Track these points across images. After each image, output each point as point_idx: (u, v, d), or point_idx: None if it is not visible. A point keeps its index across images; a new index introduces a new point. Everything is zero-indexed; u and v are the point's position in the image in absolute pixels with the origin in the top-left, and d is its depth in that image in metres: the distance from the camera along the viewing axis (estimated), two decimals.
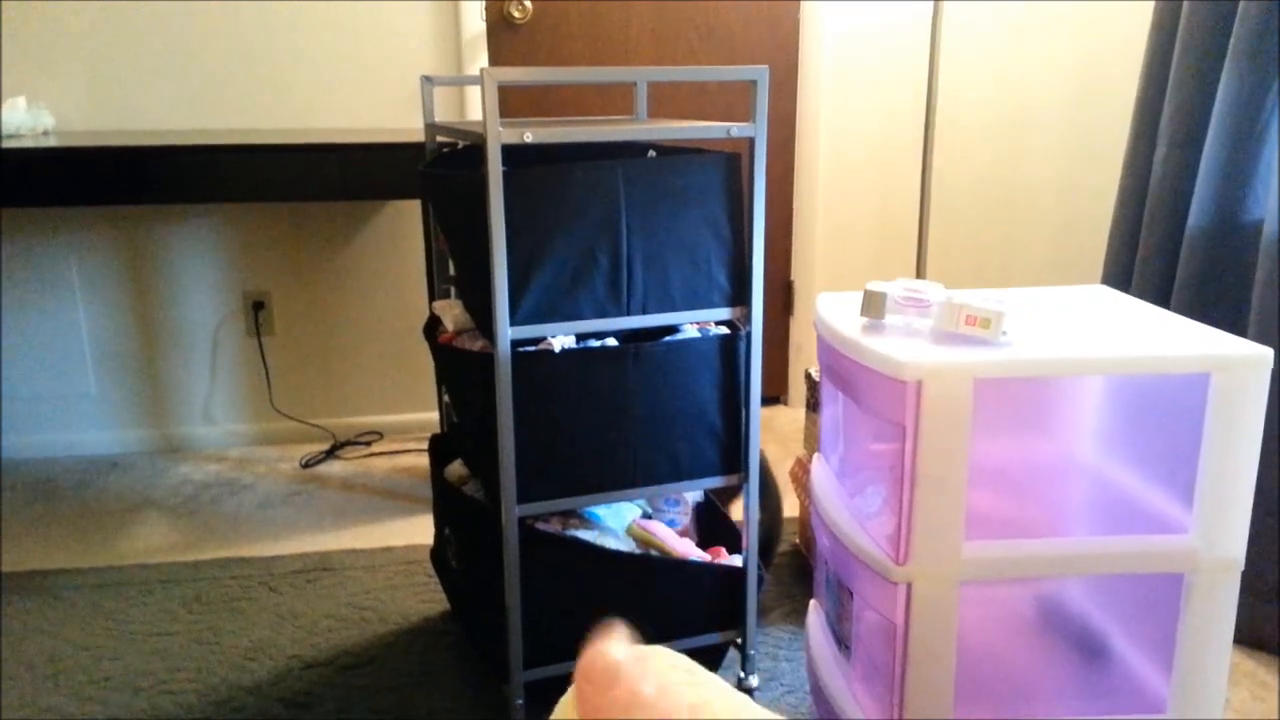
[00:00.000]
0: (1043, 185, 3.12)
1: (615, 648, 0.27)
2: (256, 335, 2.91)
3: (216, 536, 2.37)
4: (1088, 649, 1.38)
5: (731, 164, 1.54)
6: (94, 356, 2.87)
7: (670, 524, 1.80)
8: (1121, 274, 2.19)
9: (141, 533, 2.40)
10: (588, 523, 1.71)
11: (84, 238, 2.79)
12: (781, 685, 1.79)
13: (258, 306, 2.89)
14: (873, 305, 1.32)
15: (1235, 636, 1.30)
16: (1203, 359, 1.19)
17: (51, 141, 2.33)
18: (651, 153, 1.87)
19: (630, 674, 0.27)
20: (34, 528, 2.43)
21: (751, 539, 1.68)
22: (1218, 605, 1.25)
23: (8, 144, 2.24)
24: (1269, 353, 1.19)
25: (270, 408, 2.96)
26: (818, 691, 1.54)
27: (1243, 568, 1.25)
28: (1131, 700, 1.33)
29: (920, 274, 2.83)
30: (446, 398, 1.97)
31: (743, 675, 1.76)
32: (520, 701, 1.60)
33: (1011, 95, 3.04)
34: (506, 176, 1.40)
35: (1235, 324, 1.89)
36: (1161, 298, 2.03)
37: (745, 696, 0.42)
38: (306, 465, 2.80)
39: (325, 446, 2.92)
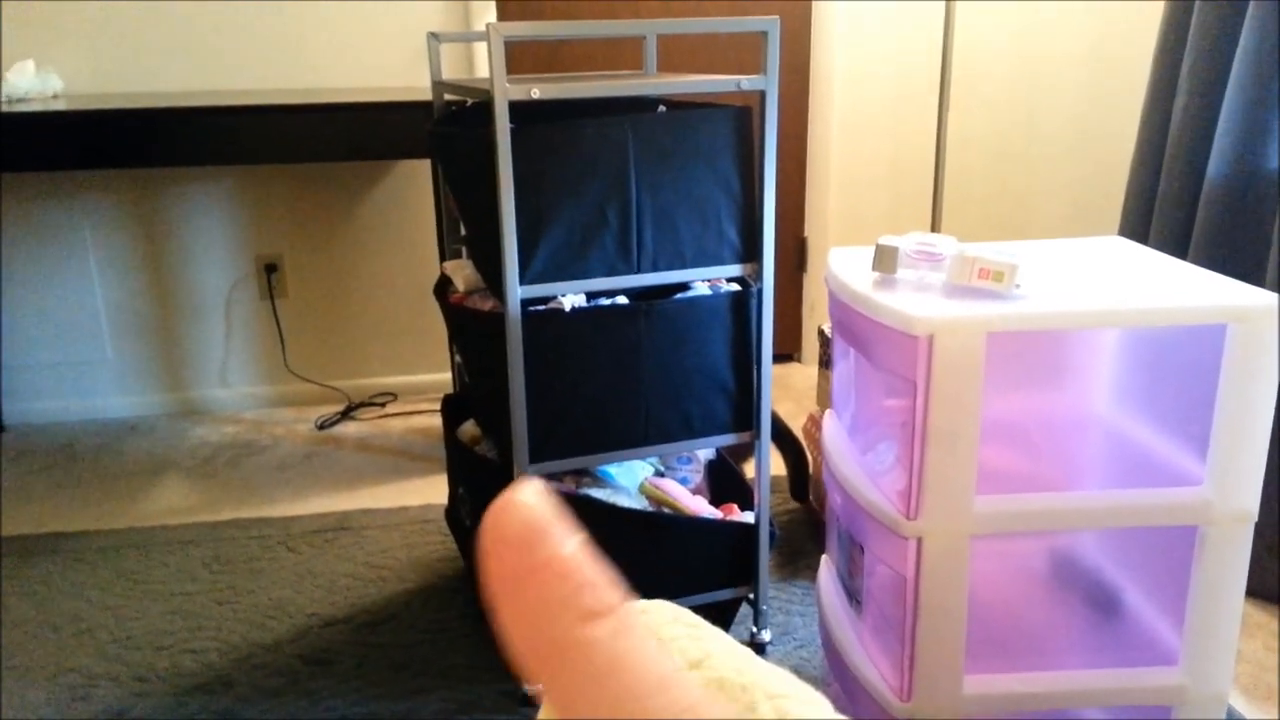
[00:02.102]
0: (1060, 136, 3.07)
1: (528, 497, 0.22)
2: (270, 298, 2.92)
3: (235, 497, 2.40)
4: (1100, 603, 1.38)
5: (742, 118, 1.52)
6: (109, 321, 2.89)
7: (683, 481, 1.80)
8: (1139, 225, 2.16)
9: (161, 495, 2.43)
10: (600, 481, 1.72)
11: (96, 202, 2.79)
12: (794, 640, 1.80)
13: (270, 269, 2.89)
14: (885, 260, 1.31)
15: (1248, 589, 1.30)
16: (1219, 310, 1.18)
17: (60, 105, 2.33)
18: (661, 108, 1.85)
19: (549, 535, 0.22)
20: (56, 491, 2.46)
21: (763, 495, 1.69)
22: (1231, 557, 1.25)
23: (17, 108, 2.23)
24: None
25: (285, 370, 2.98)
26: (829, 646, 1.55)
27: (1256, 520, 1.25)
28: (1143, 653, 1.33)
29: (935, 228, 2.80)
30: (459, 358, 1.98)
31: (755, 630, 1.77)
32: None
33: (1028, 45, 2.98)
34: (514, 134, 1.39)
35: (1253, 274, 1.86)
36: (1179, 249, 2.01)
37: (749, 650, 0.42)
38: (322, 427, 2.82)
39: (340, 408, 2.94)
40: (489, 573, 0.24)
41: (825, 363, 2.17)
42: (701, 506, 1.73)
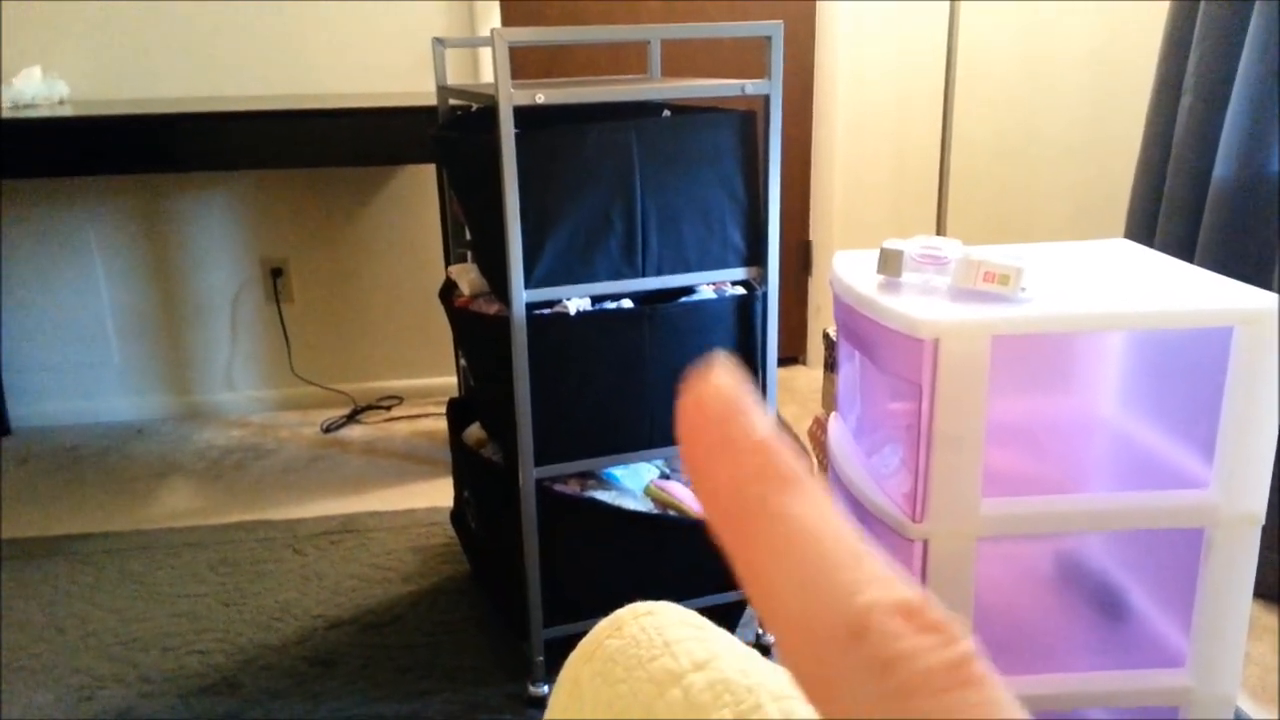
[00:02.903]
0: (1064, 138, 3.07)
1: (724, 379, 0.25)
2: (276, 302, 2.93)
3: (241, 500, 2.41)
4: (1106, 605, 1.38)
5: (746, 122, 1.52)
6: (116, 325, 2.90)
7: (688, 484, 1.80)
8: (1144, 228, 2.15)
9: (167, 498, 2.43)
10: (605, 484, 1.72)
11: (103, 207, 2.80)
12: None
13: (276, 273, 2.90)
14: (890, 263, 1.31)
15: (1255, 590, 1.30)
16: (1225, 313, 1.18)
17: (67, 111, 2.34)
18: (666, 112, 1.86)
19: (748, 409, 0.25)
20: (62, 494, 2.47)
21: None
22: (1238, 559, 1.24)
23: (24, 114, 2.24)
24: None
25: (291, 373, 2.99)
26: None
27: (1263, 522, 1.24)
28: (1150, 655, 1.33)
29: (940, 231, 2.80)
30: (464, 362, 1.98)
31: (761, 633, 1.77)
32: (540, 659, 1.62)
33: (1032, 46, 2.98)
34: (519, 139, 1.39)
35: (1259, 277, 1.86)
36: (1185, 251, 2.00)
37: (755, 652, 0.42)
38: (328, 430, 2.83)
39: (346, 411, 2.94)
40: (690, 446, 0.25)
41: (830, 366, 2.17)
42: None
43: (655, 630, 0.45)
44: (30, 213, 2.78)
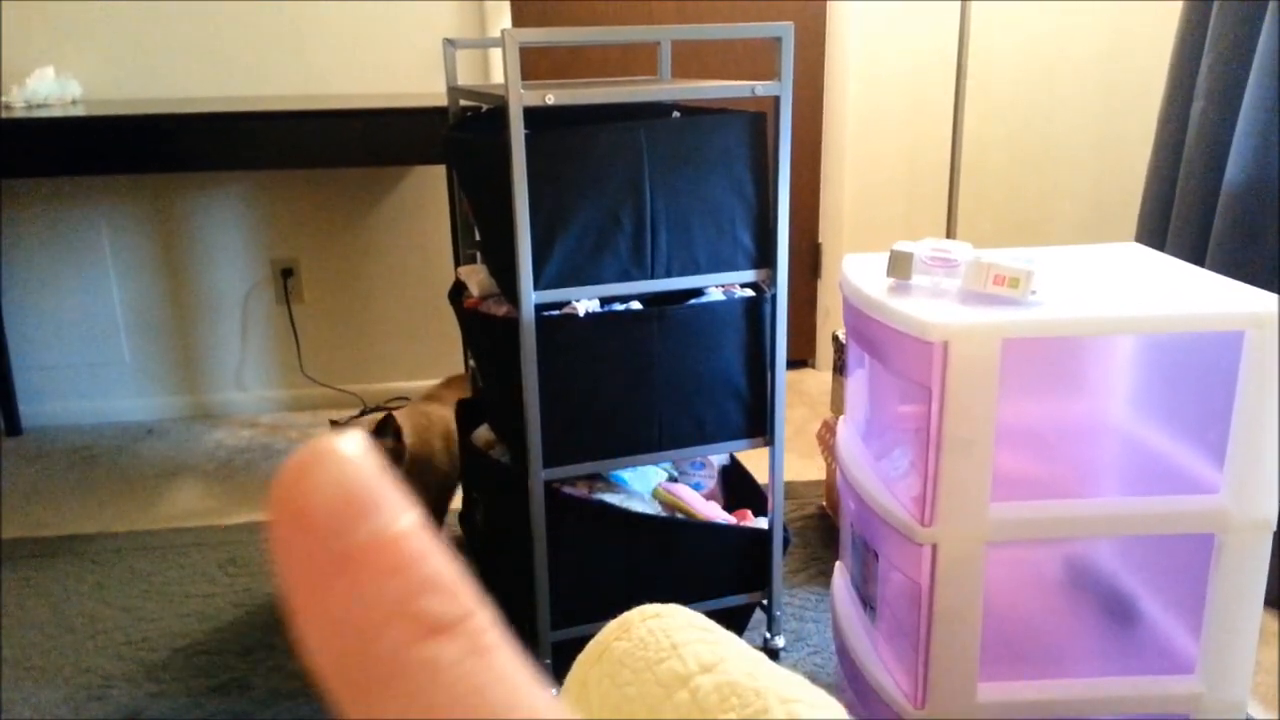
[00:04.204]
0: (1076, 141, 3.06)
1: (346, 451, 0.17)
2: (286, 302, 2.94)
3: (251, 500, 2.41)
4: (1116, 610, 1.37)
5: (756, 124, 1.52)
6: (127, 324, 2.91)
7: (696, 487, 1.80)
8: (1156, 231, 2.14)
9: (178, 497, 2.44)
10: (614, 486, 1.72)
11: (114, 206, 2.81)
12: (807, 646, 1.80)
13: (286, 274, 2.91)
14: (899, 266, 1.31)
15: (1265, 598, 1.29)
16: (1237, 317, 1.17)
17: (80, 111, 2.35)
18: (676, 113, 1.86)
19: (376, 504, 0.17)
20: (73, 493, 2.48)
21: (777, 500, 1.68)
22: (1249, 565, 1.24)
23: (37, 114, 2.25)
24: None
25: (301, 374, 2.99)
26: (843, 652, 1.55)
27: (1275, 528, 1.24)
28: (1160, 661, 1.32)
29: (950, 234, 2.80)
30: (473, 363, 1.98)
31: (769, 636, 1.77)
32: (548, 661, 1.62)
33: (1044, 48, 2.97)
34: (529, 140, 1.39)
35: (1272, 281, 1.85)
36: (1197, 255, 1.99)
37: (762, 655, 0.42)
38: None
39: (355, 411, 2.95)
40: (283, 558, 0.17)
41: (839, 368, 2.17)
42: (715, 512, 1.72)
43: (663, 633, 0.45)
44: (43, 212, 2.79)
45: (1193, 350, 1.24)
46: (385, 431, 1.77)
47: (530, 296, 1.45)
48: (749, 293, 1.63)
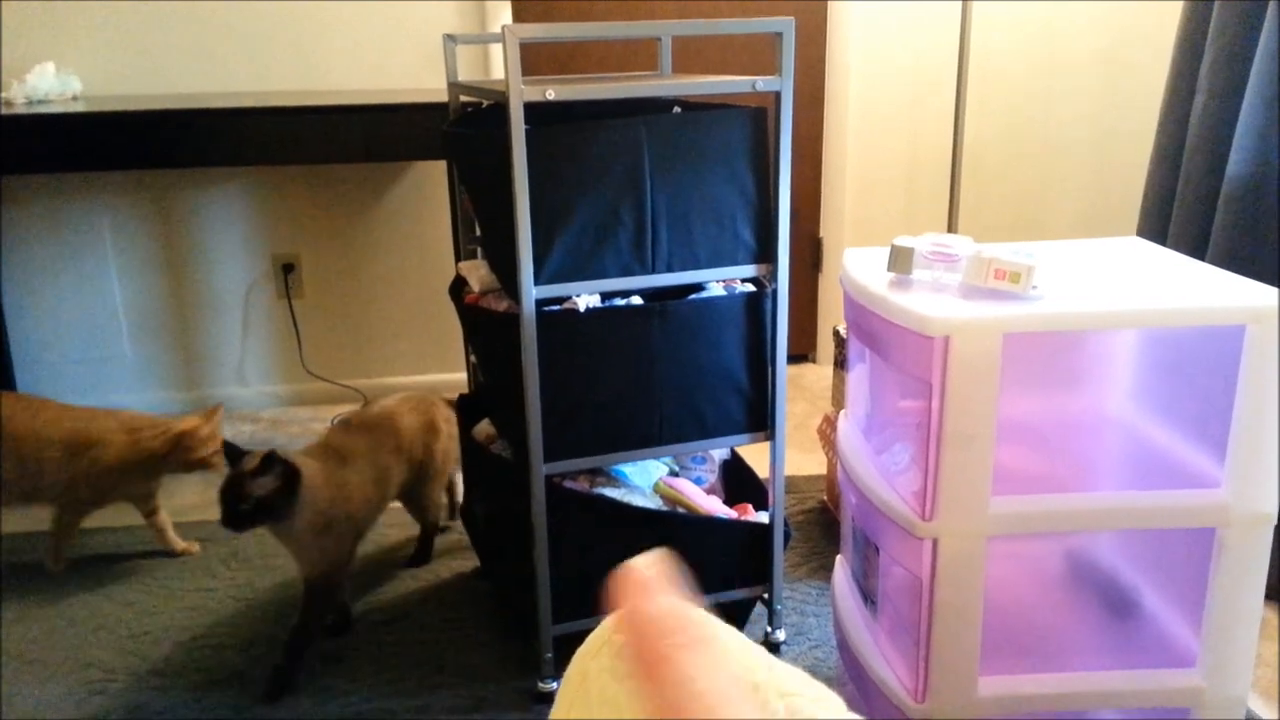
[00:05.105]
0: (1077, 136, 3.05)
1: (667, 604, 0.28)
2: (287, 297, 2.94)
3: None
4: (1116, 604, 1.37)
5: (757, 119, 1.52)
6: (128, 319, 2.91)
7: (697, 481, 1.80)
8: (1157, 226, 2.14)
9: (179, 492, 2.45)
10: (615, 481, 1.72)
11: (115, 202, 2.81)
12: (808, 640, 1.80)
13: (288, 269, 2.91)
14: (900, 260, 1.31)
15: (1266, 591, 1.29)
16: (1238, 311, 1.17)
17: (80, 107, 2.35)
18: (676, 109, 1.85)
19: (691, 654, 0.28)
20: None
21: (777, 495, 1.69)
22: (1249, 559, 1.24)
23: (38, 109, 2.25)
24: None
25: (302, 369, 3.00)
26: (844, 646, 1.55)
27: (1276, 522, 1.24)
28: (1160, 655, 1.33)
29: (952, 228, 2.80)
30: (474, 358, 1.99)
31: (770, 630, 1.77)
32: (549, 655, 1.62)
33: (1045, 43, 2.97)
34: (529, 135, 1.39)
35: (1273, 275, 1.85)
36: (1198, 250, 1.99)
37: (763, 649, 0.42)
38: None
39: (356, 407, 2.95)
40: (635, 660, 0.27)
41: (840, 363, 2.17)
42: (716, 506, 1.73)
43: None
44: (43, 208, 2.79)
45: (1194, 344, 1.24)
46: (269, 469, 1.60)
47: (531, 292, 1.45)
48: (750, 288, 1.63)
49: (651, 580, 0.27)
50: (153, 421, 2.06)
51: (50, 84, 2.52)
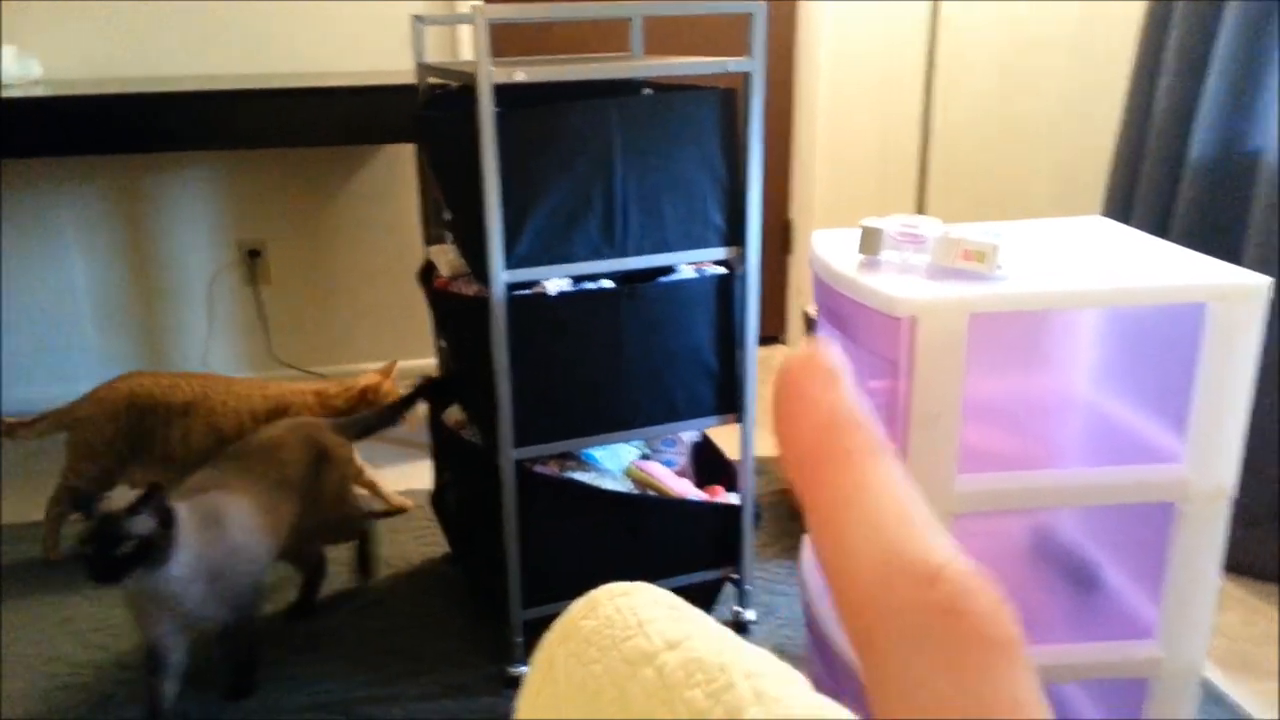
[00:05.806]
0: (1045, 118, 3.08)
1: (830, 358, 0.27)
2: (253, 284, 2.90)
3: None
4: (1079, 578, 1.40)
5: (727, 100, 1.52)
6: (91, 307, 2.87)
7: (668, 464, 1.81)
8: (1122, 205, 2.17)
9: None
10: (585, 464, 1.73)
11: (78, 189, 2.76)
12: (777, 619, 1.82)
13: (254, 255, 2.88)
14: (869, 242, 1.32)
15: (1227, 564, 1.32)
16: (1199, 289, 1.19)
17: (41, 91, 2.30)
18: (647, 91, 1.85)
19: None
20: (36, 480, 2.45)
21: (747, 477, 1.70)
22: (1207, 532, 1.26)
23: None
24: (1266, 281, 1.18)
25: (269, 356, 2.97)
26: (812, 625, 1.57)
27: (1234, 496, 1.26)
28: (1121, 627, 1.35)
29: (921, 210, 2.81)
30: (443, 343, 1.98)
31: (739, 610, 1.78)
32: (520, 640, 1.63)
33: (1014, 27, 2.98)
34: (499, 118, 1.38)
35: (1233, 253, 1.88)
36: (1161, 228, 2.02)
37: (729, 631, 0.42)
38: None
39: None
40: (786, 392, 0.27)
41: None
42: (687, 489, 1.73)
43: (630, 610, 0.45)
44: (3, 194, 2.74)
45: (1156, 322, 1.26)
46: (147, 505, 1.39)
47: (501, 276, 1.45)
48: (720, 270, 1.63)
49: (837, 368, 0.25)
50: (338, 382, 2.20)
51: (10, 68, 2.46)
